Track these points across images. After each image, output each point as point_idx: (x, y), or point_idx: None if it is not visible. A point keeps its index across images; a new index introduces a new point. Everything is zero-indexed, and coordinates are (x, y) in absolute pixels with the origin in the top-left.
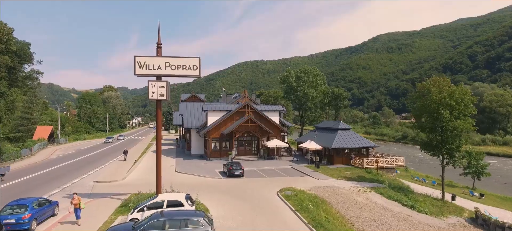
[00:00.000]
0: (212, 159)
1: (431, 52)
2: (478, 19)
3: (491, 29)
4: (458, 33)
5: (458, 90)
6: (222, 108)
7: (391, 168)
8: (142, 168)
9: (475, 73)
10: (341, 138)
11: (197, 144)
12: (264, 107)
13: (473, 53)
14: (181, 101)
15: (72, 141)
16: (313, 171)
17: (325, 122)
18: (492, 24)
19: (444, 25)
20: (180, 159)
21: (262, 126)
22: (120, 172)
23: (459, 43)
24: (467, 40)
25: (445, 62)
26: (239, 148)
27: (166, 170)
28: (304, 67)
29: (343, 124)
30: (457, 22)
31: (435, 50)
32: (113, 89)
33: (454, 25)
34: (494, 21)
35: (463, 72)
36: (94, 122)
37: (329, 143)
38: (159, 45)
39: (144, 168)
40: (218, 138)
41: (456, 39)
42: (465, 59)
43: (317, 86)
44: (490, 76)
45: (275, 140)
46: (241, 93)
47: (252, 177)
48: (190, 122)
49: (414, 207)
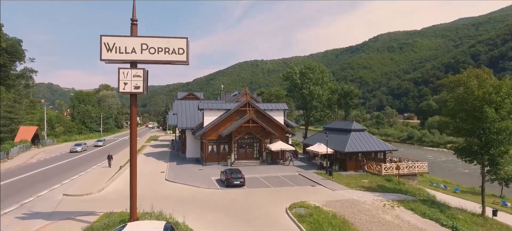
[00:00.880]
0: (209, 164)
1: (433, 52)
2: (479, 18)
3: (493, 28)
4: (459, 33)
5: (506, 84)
6: (220, 107)
7: (412, 174)
8: (126, 176)
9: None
10: (355, 140)
11: (193, 146)
12: (267, 106)
13: (476, 52)
14: (176, 100)
15: (61, 142)
16: (324, 179)
17: (335, 122)
18: (494, 24)
19: (445, 25)
20: (173, 164)
21: (265, 127)
22: (100, 182)
23: (460, 42)
24: (468, 40)
25: (448, 62)
26: (239, 151)
27: (156, 177)
28: (309, 63)
29: (357, 124)
30: (458, 22)
31: (437, 50)
32: (109, 88)
33: (455, 25)
34: (496, 20)
35: None
36: (88, 122)
37: (342, 146)
38: (134, 22)
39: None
40: (215, 140)
41: (457, 39)
42: (468, 59)
43: (323, 84)
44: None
45: (280, 142)
46: (242, 91)
47: (255, 186)
48: (185, 122)
49: (457, 229)
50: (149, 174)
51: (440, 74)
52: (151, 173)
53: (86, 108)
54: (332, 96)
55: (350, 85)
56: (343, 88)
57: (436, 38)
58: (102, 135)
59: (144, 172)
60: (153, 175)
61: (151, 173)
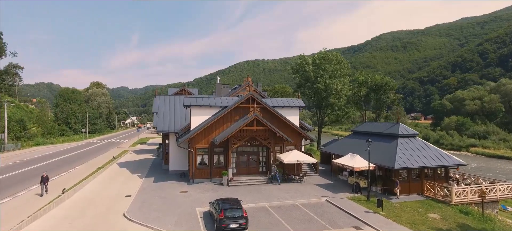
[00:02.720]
0: (198, 182)
1: (437, 51)
2: (484, 17)
3: (500, 26)
4: (464, 31)
5: None
6: (213, 103)
7: (493, 201)
8: (67, 206)
9: (487, 71)
10: (406, 150)
11: (178, 156)
12: (278, 102)
13: (484, 50)
14: (157, 95)
15: (31, 147)
16: (371, 211)
17: (369, 123)
18: (500, 22)
19: (449, 24)
20: (150, 181)
21: (274, 130)
22: (11, 219)
23: (466, 41)
24: (474, 38)
25: (454, 60)
26: (240, 163)
27: (112, 209)
28: (324, 52)
29: (405, 127)
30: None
31: (441, 49)
32: (101, 86)
33: (459, 23)
34: (502, 19)
35: (474, 70)
36: (71, 122)
37: (387, 159)
38: None
39: (74, 205)
40: (206, 148)
41: (462, 37)
42: (475, 57)
43: (341, 77)
44: (503, 74)
45: (295, 152)
46: (243, 83)
47: (265, 229)
48: (167, 123)
49: None
50: (107, 200)
51: (447, 73)
52: (111, 199)
53: (70, 107)
54: (360, 90)
55: (384, 76)
56: (374, 79)
57: (440, 37)
58: (88, 137)
59: (101, 196)
60: (111, 203)
61: (111, 199)
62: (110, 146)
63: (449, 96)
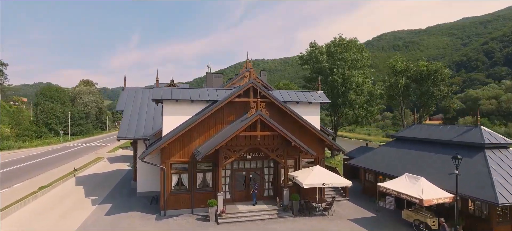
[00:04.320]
0: (172, 215)
1: (440, 50)
2: (486, 16)
3: (503, 26)
4: (467, 31)
5: None
6: (196, 96)
7: None
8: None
9: (493, 70)
10: (504, 170)
11: (150, 172)
12: (290, 95)
13: (489, 49)
14: (126, 88)
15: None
16: None
17: (421, 126)
18: (503, 21)
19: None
20: (103, 210)
21: (288, 137)
22: None
23: (469, 40)
24: (477, 38)
25: (459, 59)
26: (236, 186)
27: None
28: (341, 39)
29: (490, 132)
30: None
31: (444, 48)
32: (90, 84)
33: (461, 23)
34: (505, 18)
35: (479, 69)
36: (52, 124)
37: (476, 186)
38: None
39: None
40: (186, 163)
41: (465, 37)
42: (481, 56)
43: (363, 68)
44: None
45: (318, 169)
46: (241, 70)
47: None
48: (135, 126)
49: None
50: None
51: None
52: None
53: (51, 106)
54: (397, 80)
55: (437, 62)
56: (421, 67)
57: (442, 36)
58: (71, 139)
59: None
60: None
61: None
62: (87, 150)
63: (460, 96)
